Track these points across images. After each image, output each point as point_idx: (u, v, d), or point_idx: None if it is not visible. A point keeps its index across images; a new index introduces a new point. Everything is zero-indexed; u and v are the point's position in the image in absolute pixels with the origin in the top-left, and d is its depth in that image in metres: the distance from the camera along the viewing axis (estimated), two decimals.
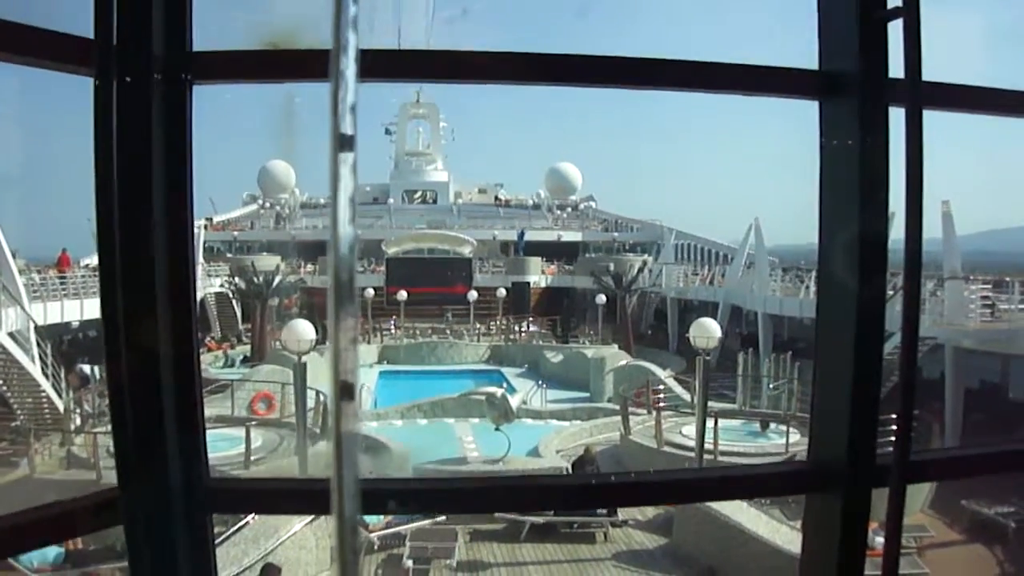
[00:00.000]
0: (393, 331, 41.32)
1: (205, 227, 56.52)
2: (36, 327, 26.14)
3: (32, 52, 2.42)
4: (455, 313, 44.53)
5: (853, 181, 2.77)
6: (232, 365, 36.38)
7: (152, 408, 2.49)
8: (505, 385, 33.73)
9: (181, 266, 2.58)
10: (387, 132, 71.62)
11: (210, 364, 36.12)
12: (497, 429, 17.52)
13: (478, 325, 41.98)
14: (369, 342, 38.71)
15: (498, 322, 42.40)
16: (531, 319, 42.93)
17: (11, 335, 24.06)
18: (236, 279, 40.81)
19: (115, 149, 2.43)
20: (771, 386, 23.72)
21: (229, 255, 50.78)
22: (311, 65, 2.60)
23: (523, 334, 40.64)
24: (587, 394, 30.91)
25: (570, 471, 16.90)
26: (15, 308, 25.15)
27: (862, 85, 2.75)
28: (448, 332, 41.77)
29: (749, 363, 25.34)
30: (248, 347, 38.69)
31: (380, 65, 2.69)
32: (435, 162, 70.52)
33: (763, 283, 34.43)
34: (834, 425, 2.88)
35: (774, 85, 3.06)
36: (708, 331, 15.48)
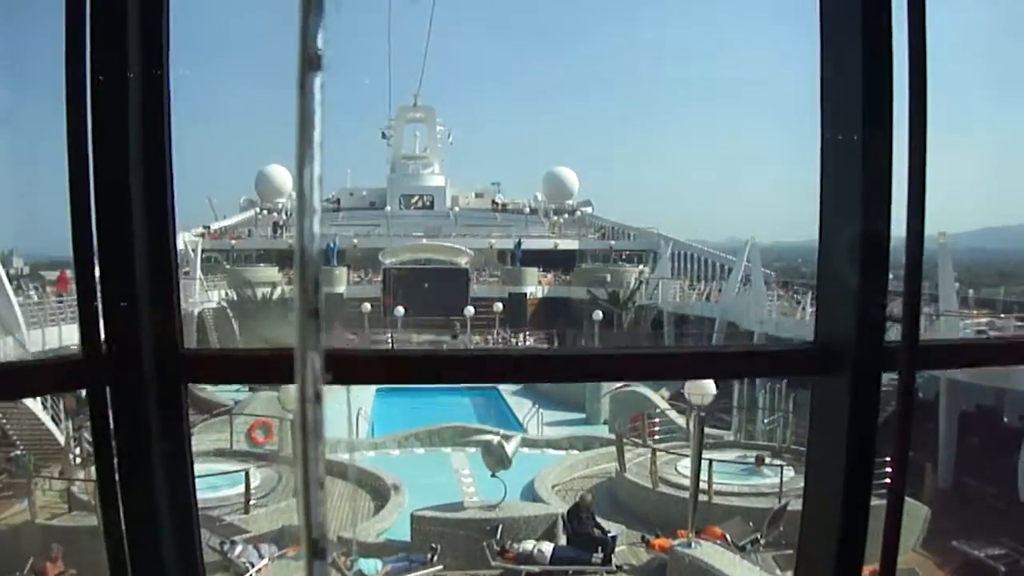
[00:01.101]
0: (389, 345, 41.40)
1: (203, 235, 56.52)
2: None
3: None
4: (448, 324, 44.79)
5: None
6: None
7: (126, 276, 2.53)
8: (500, 404, 34.21)
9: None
10: (383, 136, 71.61)
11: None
12: (493, 476, 17.64)
13: (475, 338, 42.09)
14: None
15: (495, 335, 42.53)
16: (528, 332, 43.02)
17: None
18: (234, 297, 40.98)
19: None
20: (765, 421, 23.91)
21: (227, 265, 50.85)
22: None
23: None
24: (583, 415, 31.10)
25: (565, 517, 17.03)
26: (11, 337, 25.13)
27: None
28: (444, 346, 41.86)
29: (744, 392, 25.44)
30: None
31: None
32: (432, 166, 70.50)
33: (759, 303, 34.61)
34: (841, 307, 2.83)
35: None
36: (703, 388, 15.65)
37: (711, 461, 18.28)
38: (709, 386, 15.77)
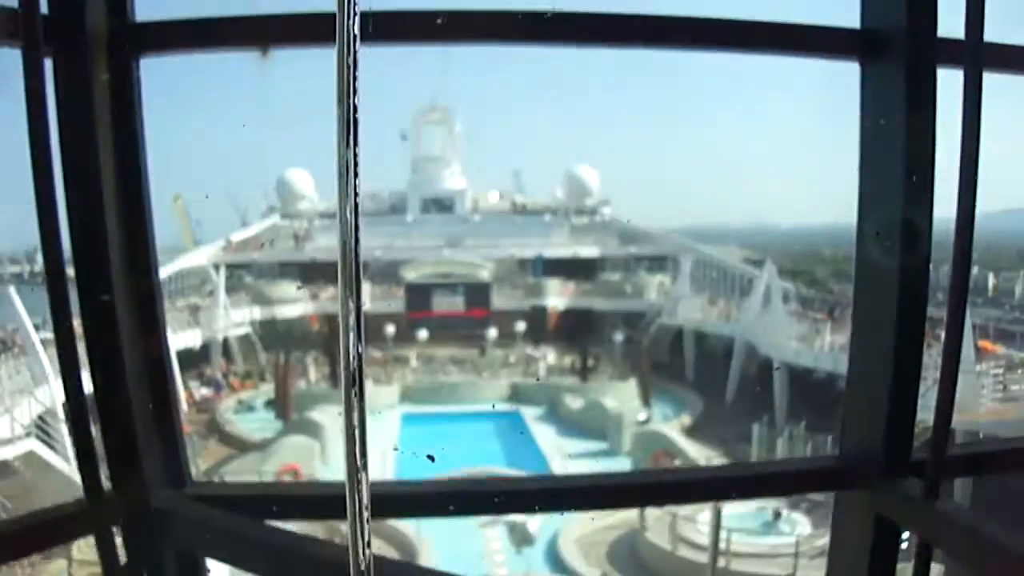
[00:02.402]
0: (414, 363, 41.93)
1: (224, 249, 57.02)
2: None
3: None
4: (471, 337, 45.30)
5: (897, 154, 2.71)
6: (252, 410, 37.17)
7: None
8: (523, 432, 34.68)
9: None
10: (403, 138, 71.68)
11: (234, 412, 36.99)
12: (518, 553, 18.16)
13: (498, 353, 42.54)
14: (391, 381, 39.42)
15: (518, 354, 42.97)
16: (550, 354, 43.38)
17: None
18: (259, 331, 41.67)
19: (55, 130, 2.40)
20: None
21: (248, 280, 51.43)
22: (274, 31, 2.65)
23: (541, 368, 41.16)
24: (605, 445, 31.54)
25: None
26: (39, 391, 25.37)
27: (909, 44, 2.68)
28: (468, 363, 42.39)
29: (764, 435, 25.78)
30: (272, 387, 39.33)
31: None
32: (451, 166, 70.60)
33: (778, 329, 34.83)
34: (867, 420, 2.83)
35: (812, 44, 2.97)
36: None
37: (729, 535, 18.60)
38: None
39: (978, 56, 2.59)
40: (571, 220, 63.99)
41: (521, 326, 44.27)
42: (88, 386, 2.71)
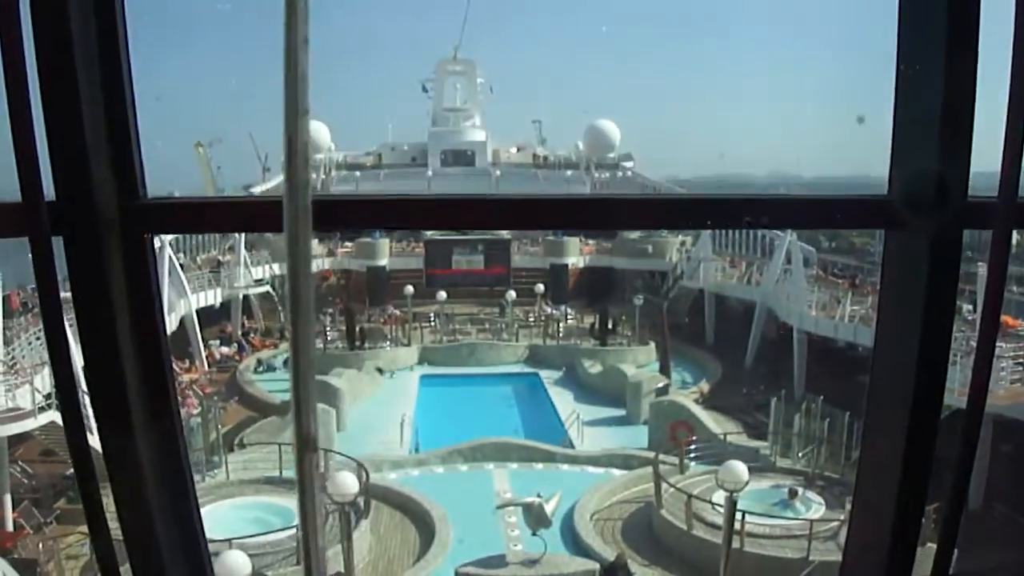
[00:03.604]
0: (433, 323, 41.98)
1: None
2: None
3: None
4: (491, 295, 45.29)
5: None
6: (273, 370, 37.46)
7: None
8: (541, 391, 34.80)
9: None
10: (424, 89, 71.19)
11: (252, 372, 37.26)
12: (534, 535, 18.32)
13: (517, 312, 42.50)
14: (409, 342, 39.53)
15: (536, 313, 42.92)
16: (569, 313, 43.28)
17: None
18: (279, 289, 41.71)
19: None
20: (800, 455, 24.27)
21: (269, 235, 51.46)
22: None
23: (561, 329, 41.11)
24: (623, 412, 31.61)
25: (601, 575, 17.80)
26: None
27: None
28: (487, 324, 42.39)
29: (782, 409, 25.71)
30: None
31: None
32: (473, 118, 70.08)
33: (798, 298, 34.58)
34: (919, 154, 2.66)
35: None
36: (736, 476, 16.00)
37: (744, 516, 18.63)
38: (742, 472, 16.09)
39: None
40: (593, 174, 63.55)
41: (540, 287, 44.08)
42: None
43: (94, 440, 2.53)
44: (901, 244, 2.90)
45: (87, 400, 2.60)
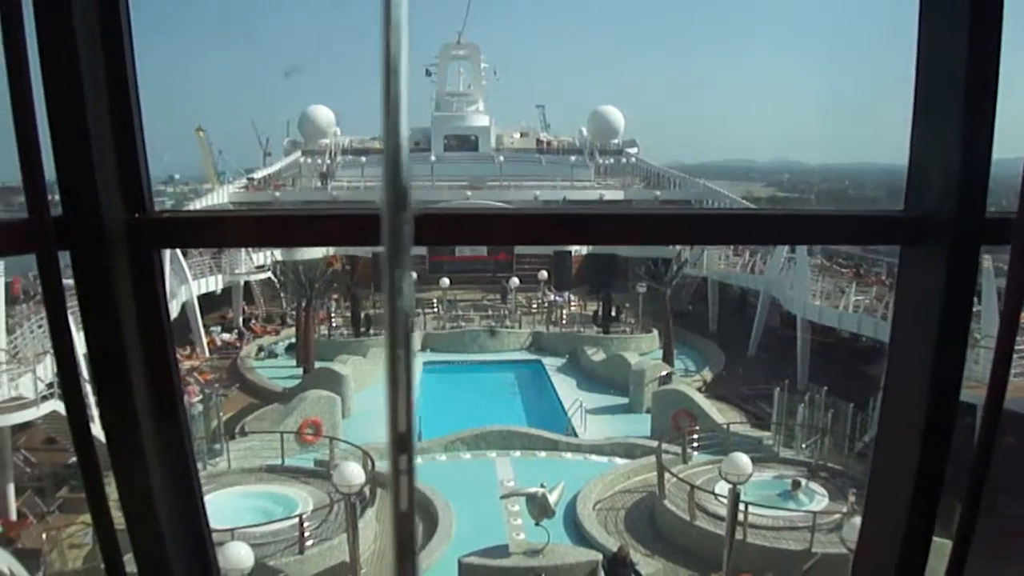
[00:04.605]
0: (436, 310, 41.94)
1: (246, 187, 56.96)
2: None
3: None
4: (494, 281, 45.27)
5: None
6: (274, 356, 37.42)
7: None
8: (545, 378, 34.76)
9: None
10: (428, 73, 71.05)
11: (253, 358, 37.21)
12: (537, 524, 18.31)
13: (520, 299, 42.46)
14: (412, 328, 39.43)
15: (540, 300, 42.89)
16: (572, 300, 43.26)
17: None
18: (280, 276, 41.59)
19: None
20: (803, 445, 24.23)
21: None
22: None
23: (564, 316, 41.05)
24: (625, 400, 31.57)
25: (605, 567, 17.78)
26: None
27: None
28: (490, 310, 42.31)
29: (785, 399, 25.67)
30: (293, 329, 39.38)
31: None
32: (476, 103, 69.92)
33: (802, 287, 34.47)
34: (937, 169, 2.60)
35: None
36: (740, 468, 15.95)
37: (747, 507, 18.61)
38: (746, 465, 16.05)
39: None
40: (597, 160, 63.41)
41: (544, 273, 44.02)
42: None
43: (97, 429, 2.46)
44: (917, 259, 2.85)
45: (89, 389, 2.61)
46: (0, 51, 2.10)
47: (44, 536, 19.61)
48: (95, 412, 2.58)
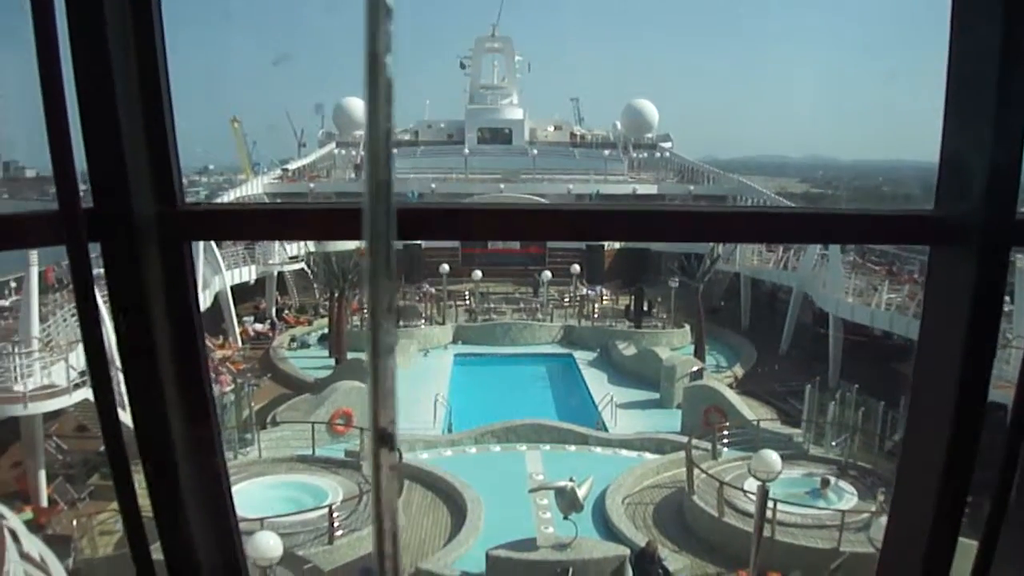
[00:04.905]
0: (468, 302, 42.02)
1: (280, 178, 57.32)
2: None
3: None
4: (526, 274, 45.27)
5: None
6: (306, 347, 37.65)
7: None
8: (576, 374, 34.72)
9: None
10: (462, 66, 71.19)
11: (285, 348, 37.45)
12: (566, 518, 18.31)
13: (552, 293, 42.44)
14: (444, 320, 39.60)
15: (572, 294, 42.82)
16: (604, 294, 43.20)
17: None
18: (313, 266, 41.77)
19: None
20: (834, 443, 24.02)
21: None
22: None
23: (595, 310, 40.97)
24: (656, 395, 31.44)
25: (632, 562, 17.75)
26: None
27: None
28: (522, 303, 42.29)
29: (816, 396, 25.48)
30: (326, 320, 39.60)
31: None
32: (510, 96, 69.89)
33: (835, 285, 34.16)
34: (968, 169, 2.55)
35: None
36: (769, 465, 15.82)
37: (775, 505, 18.47)
38: (775, 462, 15.91)
39: None
40: (630, 154, 63.17)
41: (576, 267, 43.94)
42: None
43: (125, 417, 2.49)
44: (947, 259, 2.82)
45: (120, 378, 2.60)
46: (32, 43, 2.13)
47: (75, 523, 19.87)
48: (125, 401, 2.58)
